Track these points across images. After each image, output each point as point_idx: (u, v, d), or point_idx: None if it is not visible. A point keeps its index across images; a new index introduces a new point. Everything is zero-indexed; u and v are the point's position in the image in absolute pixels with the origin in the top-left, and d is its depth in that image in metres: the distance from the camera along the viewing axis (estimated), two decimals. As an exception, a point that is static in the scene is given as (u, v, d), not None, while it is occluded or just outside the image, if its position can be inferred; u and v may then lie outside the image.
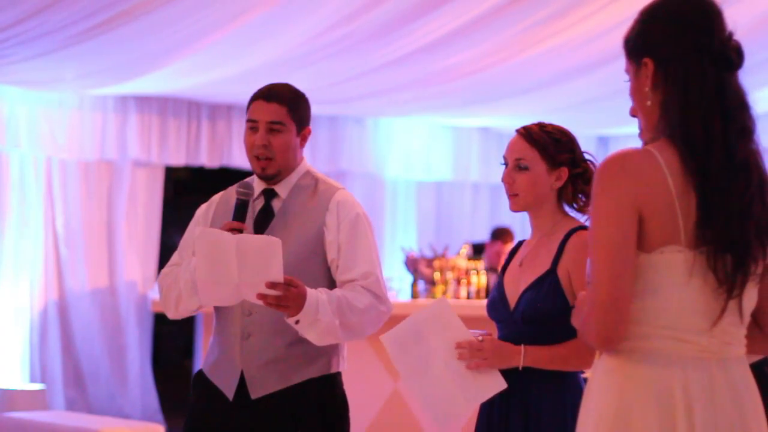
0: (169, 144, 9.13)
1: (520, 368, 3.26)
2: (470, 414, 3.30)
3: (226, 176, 8.64)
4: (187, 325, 9.81)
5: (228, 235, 3.42)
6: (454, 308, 3.39)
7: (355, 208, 3.66)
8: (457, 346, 3.28)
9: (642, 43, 2.46)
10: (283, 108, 3.65)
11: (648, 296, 2.37)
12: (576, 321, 2.54)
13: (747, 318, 2.45)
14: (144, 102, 8.97)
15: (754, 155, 2.40)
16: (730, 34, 2.43)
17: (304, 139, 3.74)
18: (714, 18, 2.43)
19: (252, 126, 3.65)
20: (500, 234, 9.51)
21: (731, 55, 2.40)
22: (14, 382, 8.21)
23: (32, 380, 8.39)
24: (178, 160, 9.24)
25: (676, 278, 2.36)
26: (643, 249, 2.36)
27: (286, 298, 3.37)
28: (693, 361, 2.38)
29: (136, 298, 8.91)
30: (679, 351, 2.37)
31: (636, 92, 2.49)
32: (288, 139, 3.67)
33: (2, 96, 8.31)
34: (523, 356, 3.25)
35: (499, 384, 3.26)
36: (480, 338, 3.28)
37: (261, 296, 3.36)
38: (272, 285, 3.34)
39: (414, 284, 8.52)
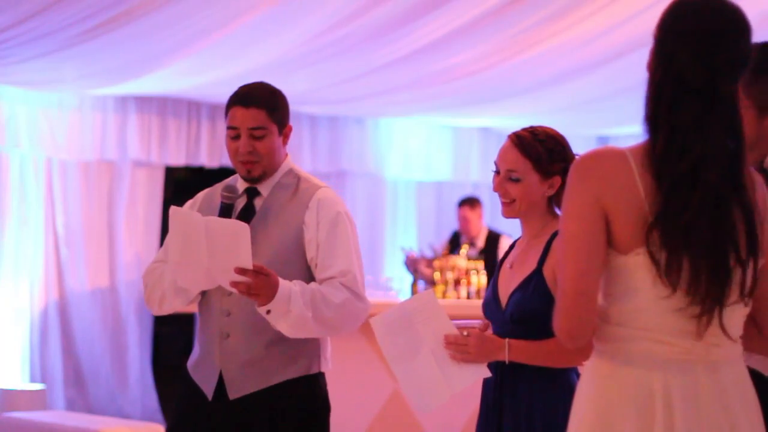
0: (169, 144, 9.13)
1: (506, 362, 3.27)
2: (450, 398, 3.32)
3: (226, 176, 8.58)
4: (187, 325, 9.81)
5: (198, 215, 3.44)
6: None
7: (335, 207, 3.63)
8: (444, 339, 3.29)
9: (657, 23, 2.44)
10: (263, 112, 3.60)
11: (628, 298, 2.37)
12: None
13: (733, 319, 2.41)
14: (144, 102, 8.97)
15: (707, 173, 2.34)
16: (713, 57, 2.35)
17: (286, 137, 3.70)
18: (704, 33, 2.36)
19: (233, 134, 3.62)
20: (460, 202, 9.49)
21: (689, 77, 2.35)
22: (14, 382, 8.21)
23: (32, 380, 8.39)
24: (178, 160, 9.25)
25: (652, 280, 2.35)
26: (619, 251, 2.36)
27: (257, 285, 3.37)
28: (677, 363, 2.36)
29: (136, 298, 8.91)
30: (661, 354, 2.36)
31: None
32: (271, 141, 3.63)
33: (2, 96, 8.30)
34: (507, 351, 3.27)
35: (482, 372, 3.30)
36: (466, 333, 3.29)
37: (234, 284, 3.37)
38: (241, 271, 3.35)
39: (414, 284, 8.53)
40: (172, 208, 3.52)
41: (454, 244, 9.16)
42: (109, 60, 7.70)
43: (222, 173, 9.64)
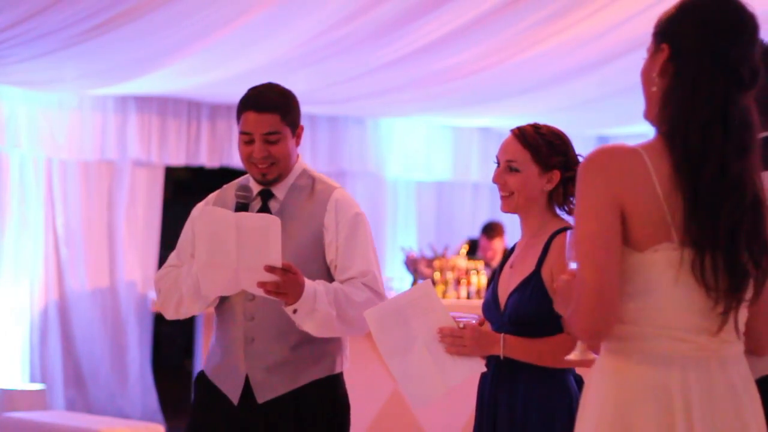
0: (169, 144, 9.14)
1: (501, 357, 3.27)
2: (446, 393, 3.32)
3: (226, 176, 8.59)
4: (187, 325, 9.81)
5: (228, 212, 3.43)
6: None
7: (353, 208, 3.65)
8: (438, 332, 3.29)
9: (667, 28, 2.42)
10: (276, 116, 3.60)
11: (644, 296, 2.36)
12: (559, 306, 2.53)
13: (743, 316, 2.43)
14: (144, 102, 8.97)
15: (750, 173, 2.37)
16: (753, 53, 2.38)
17: (298, 138, 3.70)
18: (744, 31, 2.38)
19: (247, 139, 3.62)
20: (487, 229, 9.58)
21: (743, 73, 2.37)
22: (14, 382, 8.20)
23: (32, 380, 8.39)
24: (178, 160, 9.25)
25: (671, 276, 2.35)
26: (635, 248, 2.35)
27: (285, 284, 3.38)
28: (692, 360, 2.37)
29: (136, 298, 8.91)
30: (678, 350, 2.36)
31: (645, 73, 2.47)
32: (285, 145, 3.63)
33: (2, 96, 8.31)
34: (502, 345, 3.27)
35: (477, 367, 3.29)
36: (461, 325, 3.29)
37: (261, 284, 3.36)
38: (270, 269, 3.35)
39: (414, 284, 8.52)
40: (203, 208, 3.52)
41: (471, 254, 9.16)
42: (109, 60, 7.70)
43: (222, 173, 9.63)
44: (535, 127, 3.40)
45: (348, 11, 7.04)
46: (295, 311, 3.45)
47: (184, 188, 12.86)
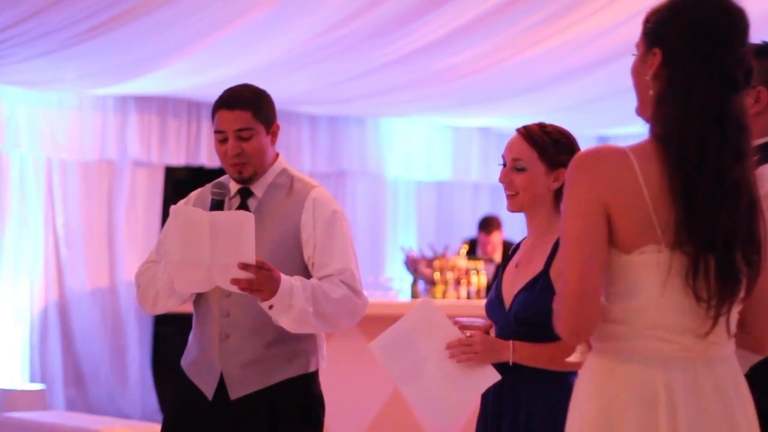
0: (169, 144, 9.14)
1: (510, 363, 3.27)
2: (466, 410, 3.31)
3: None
4: (187, 325, 9.79)
5: (200, 210, 3.45)
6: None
7: (330, 206, 3.67)
8: (447, 347, 3.29)
9: (658, 31, 2.42)
10: (248, 113, 3.64)
11: (630, 297, 2.36)
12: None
13: (734, 317, 2.42)
14: (144, 102, 8.97)
15: (746, 177, 2.36)
16: (746, 53, 2.38)
17: (274, 136, 3.73)
18: (737, 33, 2.37)
19: (221, 138, 3.66)
20: (484, 224, 9.59)
21: (738, 76, 2.36)
22: (14, 382, 8.21)
23: (32, 380, 8.39)
24: (178, 160, 9.25)
25: (657, 278, 2.35)
26: (622, 250, 2.35)
27: (258, 281, 3.38)
28: (677, 361, 2.36)
29: (136, 298, 8.90)
30: (662, 351, 2.36)
31: (637, 73, 2.47)
32: (259, 141, 3.66)
33: (2, 96, 8.31)
34: (512, 351, 3.27)
35: (492, 376, 3.27)
36: (468, 334, 3.29)
37: (234, 281, 3.37)
38: (244, 266, 3.35)
39: (414, 284, 8.52)
40: (174, 207, 3.54)
41: (471, 253, 9.15)
42: (109, 60, 7.70)
43: (222, 173, 9.62)
44: (541, 126, 3.41)
45: (348, 11, 7.05)
46: (270, 307, 3.46)
47: (184, 188, 12.85)
